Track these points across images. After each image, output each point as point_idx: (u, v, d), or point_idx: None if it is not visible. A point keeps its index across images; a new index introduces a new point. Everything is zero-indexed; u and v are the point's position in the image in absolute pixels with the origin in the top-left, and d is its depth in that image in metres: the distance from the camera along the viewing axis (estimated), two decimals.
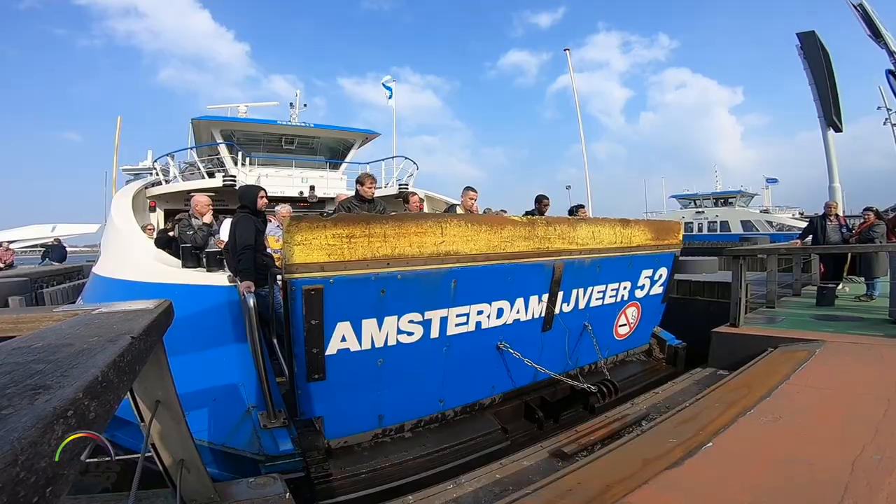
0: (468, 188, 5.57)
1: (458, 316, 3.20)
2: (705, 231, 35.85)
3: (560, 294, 3.85)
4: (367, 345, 2.87)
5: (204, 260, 4.90)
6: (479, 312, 3.33)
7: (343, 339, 2.78)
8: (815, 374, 3.74)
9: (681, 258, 13.52)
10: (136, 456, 1.37)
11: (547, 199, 6.36)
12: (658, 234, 4.68)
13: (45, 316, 1.49)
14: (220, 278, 4.30)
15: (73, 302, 6.80)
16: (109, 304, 1.62)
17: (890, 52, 9.86)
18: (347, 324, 2.77)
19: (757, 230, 31.35)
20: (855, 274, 8.21)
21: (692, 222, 37.20)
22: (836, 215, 7.99)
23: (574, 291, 4.06)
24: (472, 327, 3.33)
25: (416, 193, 6.18)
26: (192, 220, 5.35)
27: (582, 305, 4.19)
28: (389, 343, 2.95)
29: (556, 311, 3.91)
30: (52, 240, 17.03)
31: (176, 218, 6.57)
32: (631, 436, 3.06)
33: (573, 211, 6.34)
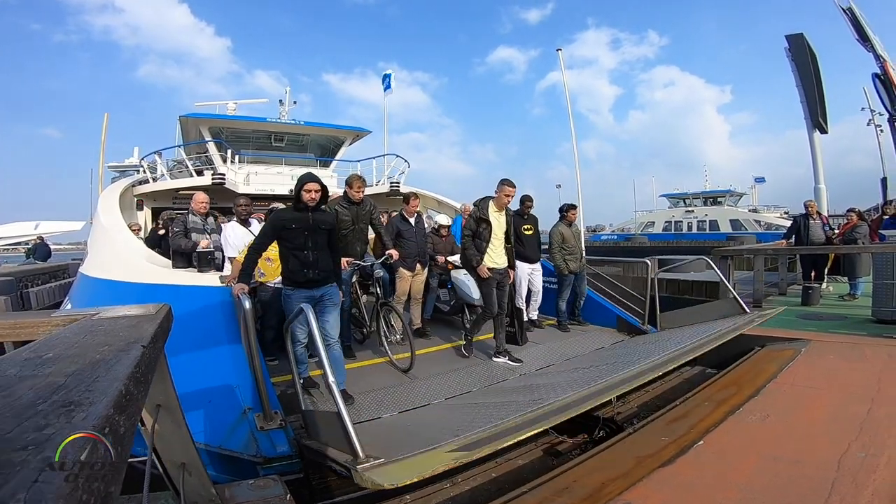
0: (505, 182, 4.65)
1: None
2: (695, 230, 36.31)
3: None
4: None
5: (195, 260, 4.84)
6: None
7: None
8: (801, 373, 3.83)
9: (670, 258, 13.67)
10: (141, 459, 1.37)
11: (531, 200, 6.28)
12: None
13: (43, 321, 1.48)
14: (212, 279, 4.26)
15: (60, 302, 6.68)
16: (109, 308, 1.61)
17: (877, 56, 10.03)
18: None
19: (745, 229, 31.83)
20: (839, 274, 8.40)
21: (682, 221, 37.68)
22: (819, 213, 8.17)
23: None
24: None
25: (417, 196, 5.90)
26: (190, 217, 5.25)
27: None
28: None
29: None
30: (35, 238, 16.72)
31: (167, 217, 6.47)
32: (623, 434, 3.11)
33: (563, 211, 6.23)
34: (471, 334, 4.85)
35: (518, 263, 5.35)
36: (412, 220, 5.60)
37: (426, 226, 8.00)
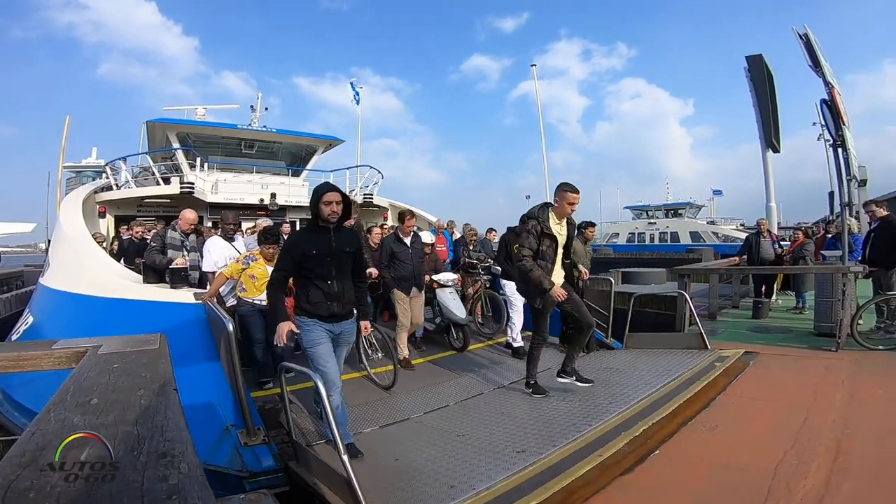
0: (567, 188, 3.87)
1: None
2: (657, 241, 37.70)
3: None
4: None
5: (168, 276, 4.80)
6: None
7: None
8: (749, 385, 4.16)
9: (630, 270, 14.18)
10: None
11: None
12: None
13: (45, 353, 1.55)
14: (186, 295, 4.27)
15: (20, 311, 6.45)
16: (107, 339, 1.69)
17: (826, 83, 10.79)
18: None
19: (704, 241, 33.33)
20: (788, 288, 9.03)
21: (644, 233, 39.07)
22: (769, 231, 8.79)
23: None
24: None
25: (413, 215, 5.52)
26: (170, 232, 5.03)
27: None
28: None
29: None
30: None
31: (155, 232, 6.28)
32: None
33: (582, 228, 5.84)
34: (532, 373, 4.18)
35: None
36: (408, 241, 5.35)
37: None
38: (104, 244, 7.71)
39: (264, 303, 4.18)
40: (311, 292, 3.02)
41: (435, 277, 5.84)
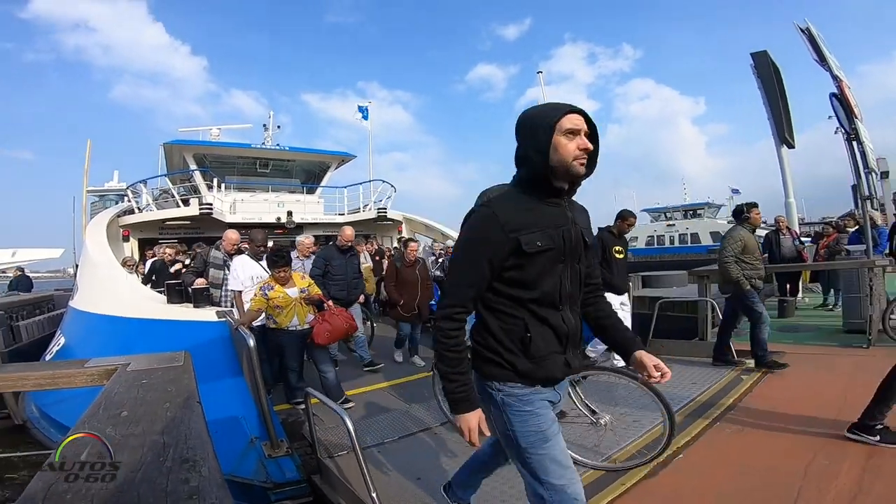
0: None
1: None
2: (676, 244, 36.95)
3: None
4: None
5: (191, 295, 4.94)
6: None
7: None
8: (775, 385, 4.07)
9: (650, 273, 13.96)
10: None
11: (633, 217, 4.92)
12: None
13: (79, 371, 1.62)
14: (209, 314, 4.38)
15: (52, 333, 6.70)
16: (134, 357, 1.76)
17: (833, 76, 10.61)
18: None
19: None
20: (816, 282, 8.81)
21: (664, 235, 38.36)
22: (788, 228, 8.60)
23: None
24: None
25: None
26: (213, 251, 5.22)
27: None
28: None
29: None
30: (14, 270, 16.45)
31: (198, 253, 6.45)
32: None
33: (744, 212, 4.82)
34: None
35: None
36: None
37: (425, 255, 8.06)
38: (134, 267, 7.91)
39: (298, 327, 4.19)
40: (531, 331, 1.51)
41: None
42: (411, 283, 5.59)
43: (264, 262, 4.78)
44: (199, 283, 4.89)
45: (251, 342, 3.18)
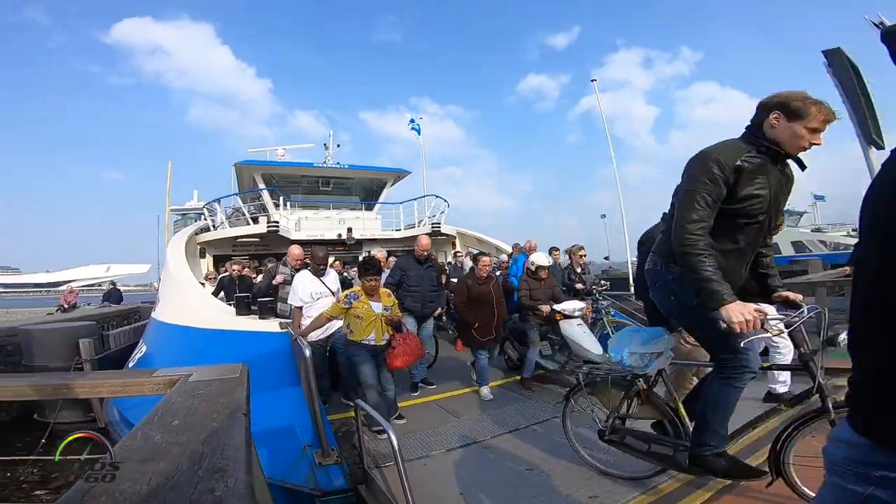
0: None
1: None
2: None
3: None
4: None
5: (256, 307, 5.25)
6: None
7: None
8: None
9: None
10: None
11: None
12: None
13: (147, 380, 1.77)
14: (273, 325, 4.62)
15: (135, 343, 7.33)
16: (198, 368, 1.89)
17: None
18: None
19: (809, 251, 29.71)
20: None
21: None
22: None
23: None
24: None
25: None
26: (281, 267, 5.60)
27: None
28: None
29: None
30: (108, 282, 18.21)
31: (267, 267, 6.92)
32: None
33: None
34: None
35: None
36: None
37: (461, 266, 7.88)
38: (214, 281, 8.52)
39: (373, 342, 3.99)
40: None
41: (557, 307, 4.97)
42: (486, 302, 4.98)
43: (326, 279, 4.85)
44: (278, 280, 5.30)
45: (307, 352, 3.32)
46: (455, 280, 7.26)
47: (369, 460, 3.23)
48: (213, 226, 10.85)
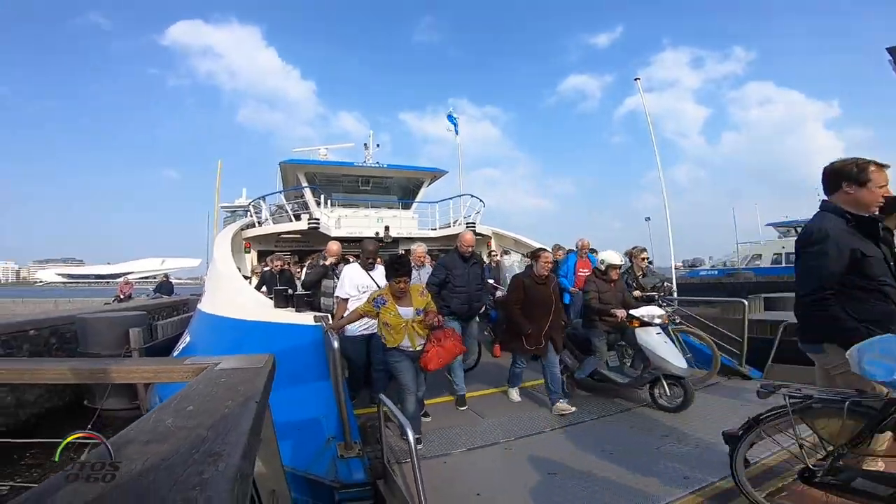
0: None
1: None
2: None
3: None
4: None
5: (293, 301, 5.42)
6: None
7: None
8: None
9: (773, 295, 12.37)
10: None
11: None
12: None
13: (178, 367, 1.84)
14: (307, 318, 4.74)
15: (181, 333, 7.71)
16: (226, 358, 1.95)
17: None
18: None
19: None
20: None
21: (793, 253, 33.75)
22: None
23: None
24: None
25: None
26: (320, 262, 5.82)
27: None
28: None
29: None
30: (162, 275, 19.26)
31: (310, 261, 7.15)
32: None
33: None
34: None
35: None
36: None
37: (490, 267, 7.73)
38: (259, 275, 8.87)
39: (409, 349, 3.78)
40: None
41: (635, 313, 4.49)
42: (543, 304, 4.45)
43: (374, 273, 4.74)
44: (331, 260, 5.51)
45: (336, 344, 3.37)
46: (492, 281, 7.19)
47: (390, 455, 3.26)
48: (258, 222, 11.27)
